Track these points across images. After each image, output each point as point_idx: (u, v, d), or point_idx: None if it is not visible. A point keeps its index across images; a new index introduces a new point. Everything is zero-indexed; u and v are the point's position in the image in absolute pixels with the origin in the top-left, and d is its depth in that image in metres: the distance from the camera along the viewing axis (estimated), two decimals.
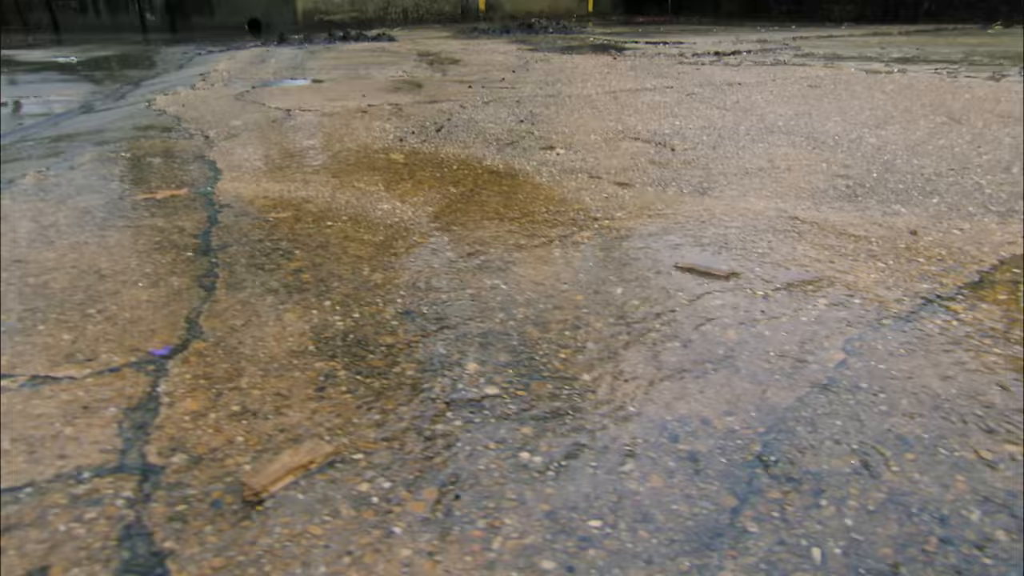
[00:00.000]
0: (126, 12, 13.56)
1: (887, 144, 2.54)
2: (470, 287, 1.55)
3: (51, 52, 8.15)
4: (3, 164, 2.76)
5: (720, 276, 1.57)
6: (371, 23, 13.87)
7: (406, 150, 2.70)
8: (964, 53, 5.18)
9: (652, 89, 3.92)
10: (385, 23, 13.90)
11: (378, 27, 12.81)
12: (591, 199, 2.11)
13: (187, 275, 1.62)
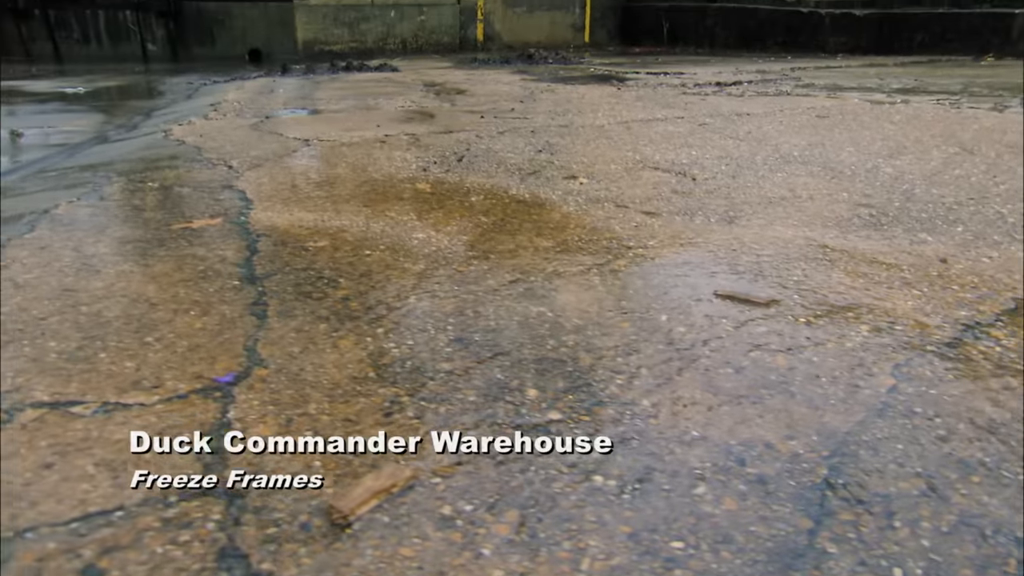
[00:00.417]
0: (128, 42, 13.65)
1: (904, 174, 2.60)
2: (517, 314, 1.58)
3: (57, 82, 8.21)
4: (34, 194, 2.80)
5: (760, 303, 1.60)
6: (371, 53, 13.97)
7: (431, 179, 2.74)
8: (963, 84, 5.29)
9: (663, 119, 3.99)
10: (385, 53, 14.02)
11: (378, 57, 12.91)
12: (621, 228, 2.15)
13: (237, 303, 1.64)
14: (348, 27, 14.17)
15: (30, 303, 1.64)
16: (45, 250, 2.00)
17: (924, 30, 9.02)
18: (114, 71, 10.74)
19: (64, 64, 12.51)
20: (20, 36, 12.55)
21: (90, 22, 13.42)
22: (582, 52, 13.19)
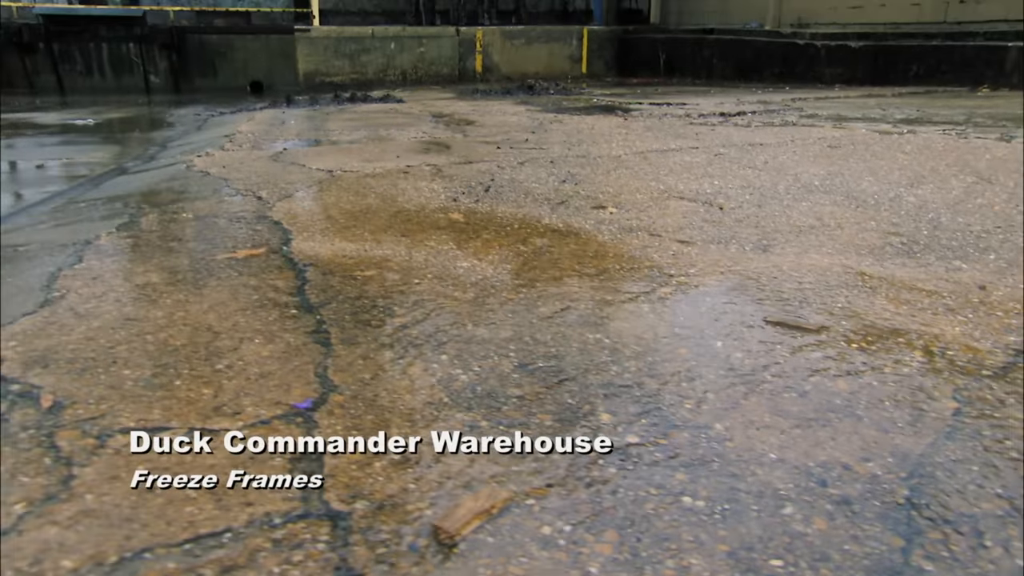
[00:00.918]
0: (131, 74, 13.77)
1: (927, 203, 2.66)
2: (574, 341, 1.62)
3: (65, 114, 8.28)
4: (70, 224, 2.83)
5: (811, 330, 1.65)
6: (371, 84, 14.11)
7: (462, 209, 2.79)
8: (965, 115, 5.41)
9: (678, 150, 4.06)
10: (385, 84, 14.16)
11: (378, 88, 13.04)
12: (659, 256, 2.20)
13: (299, 331, 1.68)
14: (349, 59, 14.34)
15: (96, 332, 1.67)
16: (97, 280, 2.04)
17: (919, 62, 9.19)
18: (118, 103, 10.83)
19: (67, 96, 12.61)
20: (24, 69, 12.65)
21: (94, 55, 13.55)
22: (580, 83, 13.36)
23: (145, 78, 13.87)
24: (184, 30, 13.98)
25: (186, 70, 14.06)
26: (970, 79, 8.62)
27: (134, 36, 13.43)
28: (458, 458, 1.18)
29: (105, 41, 13.43)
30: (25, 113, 8.54)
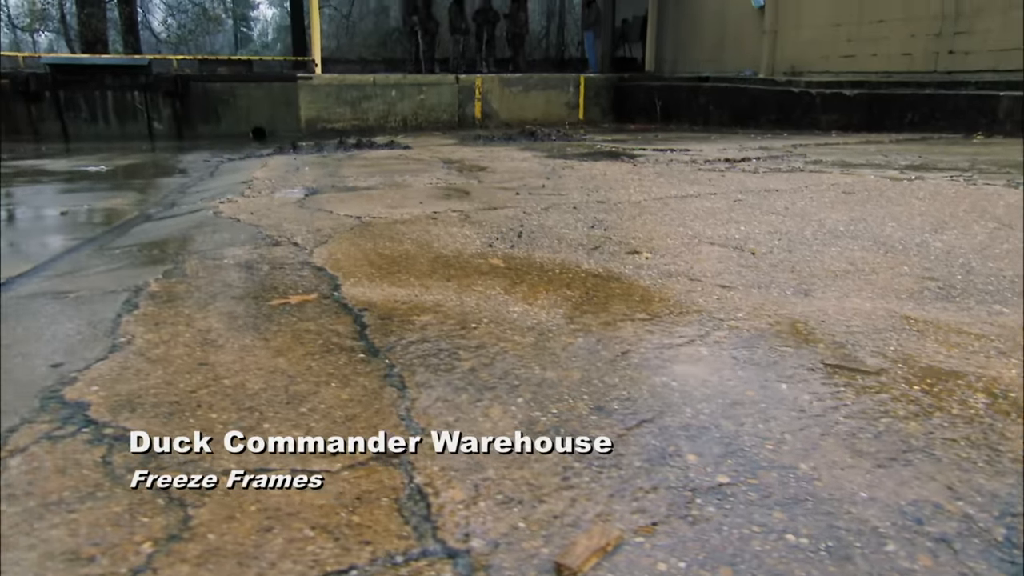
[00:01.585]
0: (134, 121, 13.92)
1: (954, 248, 2.74)
2: (643, 384, 1.66)
3: (74, 161, 8.36)
4: (111, 271, 2.88)
5: (871, 372, 1.70)
6: (372, 130, 14.28)
7: (500, 255, 2.86)
8: (968, 162, 5.54)
9: (697, 196, 4.15)
10: (386, 130, 14.33)
11: (379, 134, 13.17)
12: (704, 301, 2.26)
13: (372, 375, 1.72)
14: (350, 105, 14.54)
15: (173, 377, 1.71)
16: (160, 326, 2.08)
17: (913, 109, 9.41)
18: (123, 149, 10.93)
19: (71, 143, 12.72)
20: (30, 116, 12.79)
21: (98, 102, 13.71)
22: (578, 129, 13.57)
23: (149, 125, 14.03)
24: (188, 78, 14.18)
25: (189, 117, 14.24)
26: (964, 126, 8.83)
27: (139, 84, 13.62)
28: (558, 498, 1.22)
29: (110, 89, 13.61)
30: (34, 160, 8.62)
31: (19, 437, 1.44)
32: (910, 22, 10.44)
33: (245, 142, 12.83)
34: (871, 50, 11.22)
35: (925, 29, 10.20)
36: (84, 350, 1.91)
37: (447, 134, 13.01)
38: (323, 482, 1.26)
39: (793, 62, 12.77)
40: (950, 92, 9.03)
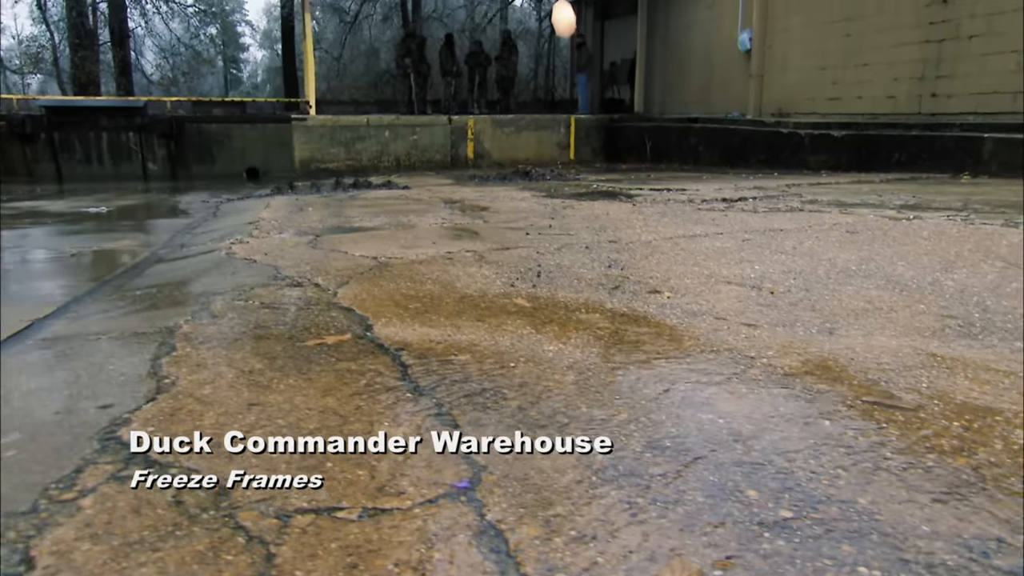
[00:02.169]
0: (129, 162, 13.99)
1: (967, 287, 2.82)
2: (691, 420, 1.70)
3: (74, 202, 8.37)
4: (137, 314, 2.90)
5: (909, 408, 1.75)
6: (366, 170, 14.38)
7: (524, 295, 2.90)
8: (961, 202, 5.68)
9: (704, 235, 4.23)
10: (379, 171, 14.43)
11: (373, 174, 13.27)
12: (733, 340, 2.31)
13: (421, 414, 1.75)
14: (344, 146, 14.68)
15: (226, 418, 1.73)
16: (202, 368, 2.10)
17: (901, 150, 9.62)
18: (118, 190, 10.96)
19: (65, 183, 12.74)
20: (24, 158, 12.82)
21: (93, 143, 13.77)
22: (570, 168, 13.73)
23: (143, 166, 14.08)
24: (183, 119, 14.29)
25: (183, 158, 14.31)
26: (950, 167, 9.02)
27: (134, 125, 13.71)
28: (630, 532, 1.25)
29: (105, 130, 13.69)
30: (34, 202, 8.63)
31: (86, 478, 1.46)
32: (893, 66, 10.71)
33: (240, 182, 12.90)
34: (856, 93, 11.49)
35: (908, 73, 10.47)
36: (130, 391, 1.93)
37: (441, 174, 13.13)
38: (398, 519, 1.29)
39: (780, 104, 13.04)
40: (936, 134, 9.24)
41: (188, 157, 14.19)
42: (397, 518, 1.30)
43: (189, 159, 14.21)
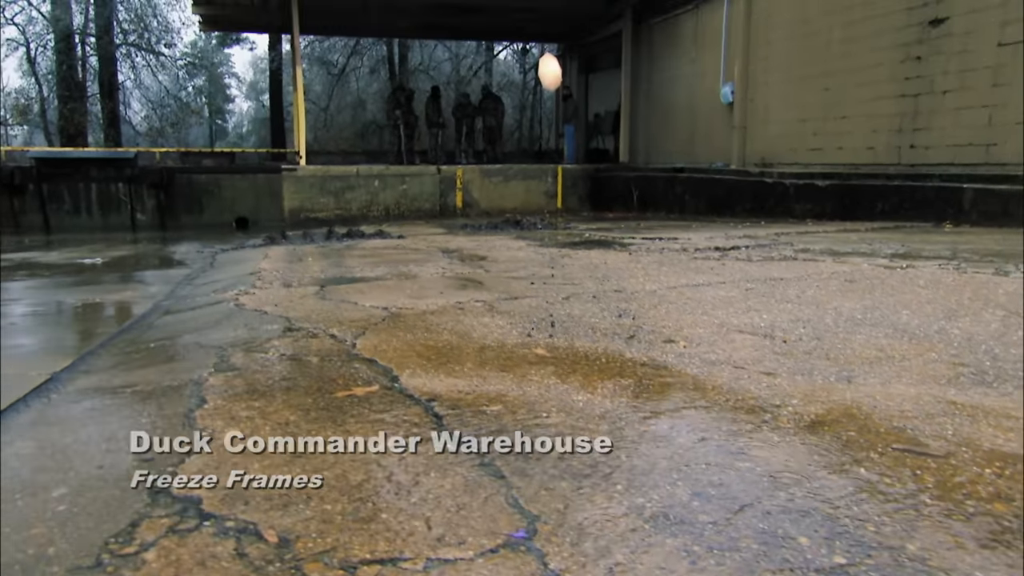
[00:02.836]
0: (118, 213, 14.01)
1: (973, 336, 2.90)
2: (730, 469, 1.74)
3: (66, 253, 8.36)
4: (156, 366, 2.91)
5: (939, 455, 1.80)
6: (355, 220, 14.45)
7: (542, 345, 2.95)
8: (950, 251, 5.82)
9: (707, 284, 4.31)
10: (368, 220, 14.52)
11: (363, 223, 13.32)
12: (755, 388, 2.36)
13: (466, 464, 1.78)
14: (334, 196, 14.77)
15: (270, 470, 1.75)
16: (237, 420, 2.12)
17: (883, 199, 9.84)
18: (109, 240, 10.95)
19: (52, 234, 12.70)
20: (12, 209, 12.80)
21: (82, 194, 13.79)
22: (558, 217, 13.89)
23: (132, 216, 14.09)
24: (174, 170, 14.36)
25: (173, 208, 14.34)
26: (932, 216, 9.22)
27: (124, 176, 13.75)
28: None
29: (95, 181, 13.72)
30: (24, 253, 8.61)
31: (144, 532, 1.47)
32: (872, 119, 11.00)
33: (229, 232, 12.93)
34: (837, 144, 11.77)
35: (886, 125, 10.75)
36: (170, 444, 1.94)
37: (431, 223, 13.22)
38: (463, 569, 1.31)
39: (763, 154, 13.32)
40: (917, 184, 9.47)
41: (177, 207, 14.23)
42: (462, 568, 1.32)
43: (178, 209, 14.24)
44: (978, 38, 9.30)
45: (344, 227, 10.84)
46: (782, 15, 12.60)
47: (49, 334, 4.05)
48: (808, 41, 12.02)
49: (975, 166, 9.37)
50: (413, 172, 15.14)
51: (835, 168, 11.26)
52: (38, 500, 1.66)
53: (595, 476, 1.71)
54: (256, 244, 8.81)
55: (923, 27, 10.07)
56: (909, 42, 10.23)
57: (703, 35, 14.64)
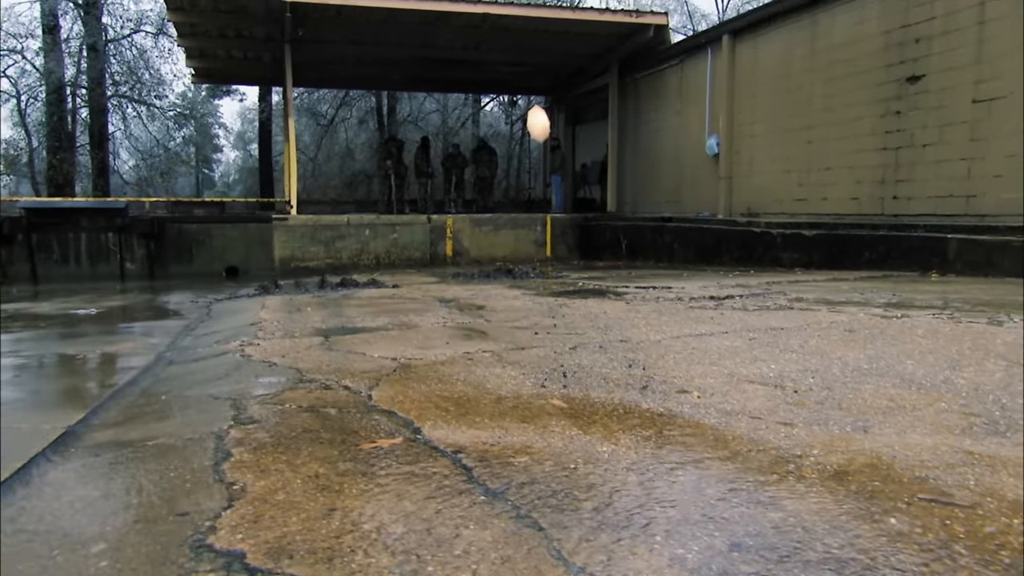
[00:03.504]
0: (107, 262, 13.99)
1: (980, 385, 2.96)
2: (765, 520, 1.77)
3: (58, 304, 8.32)
4: (171, 419, 2.91)
5: (966, 506, 1.84)
6: (346, 268, 14.49)
7: (558, 396, 2.98)
8: (941, 300, 5.94)
9: (710, 334, 4.37)
10: (359, 268, 14.56)
11: (354, 272, 13.36)
12: (775, 438, 2.40)
13: (503, 516, 1.80)
14: (324, 245, 14.83)
15: (310, 523, 1.76)
16: (267, 473, 2.13)
17: (870, 249, 10.01)
18: (99, 290, 10.91)
19: (41, 284, 12.64)
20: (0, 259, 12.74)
21: (71, 244, 13.77)
22: (548, 265, 13.98)
23: (121, 266, 14.07)
24: (165, 220, 14.40)
25: (163, 257, 14.34)
26: (918, 265, 9.39)
27: (115, 226, 13.76)
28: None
29: (85, 231, 13.72)
30: (16, 304, 8.56)
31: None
32: (855, 170, 11.26)
33: (219, 281, 12.92)
34: (821, 194, 12.00)
35: (869, 177, 11.00)
36: (203, 499, 1.95)
37: (422, 271, 13.28)
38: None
39: (749, 204, 13.55)
40: (903, 234, 9.66)
41: (167, 256, 14.23)
42: None
43: (168, 258, 14.24)
44: (954, 95, 9.60)
45: (336, 276, 10.87)
46: (765, 71, 12.96)
47: (53, 386, 4.03)
48: (791, 95, 12.34)
49: (956, 216, 9.58)
50: (404, 221, 15.25)
51: (820, 218, 11.46)
52: (78, 556, 1.67)
53: (632, 527, 1.73)
54: (250, 294, 8.81)
55: (901, 83, 10.39)
56: (889, 97, 10.54)
57: (688, 89, 15.00)
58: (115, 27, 19.96)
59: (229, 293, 9.29)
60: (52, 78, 19.01)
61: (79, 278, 13.34)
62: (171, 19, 13.79)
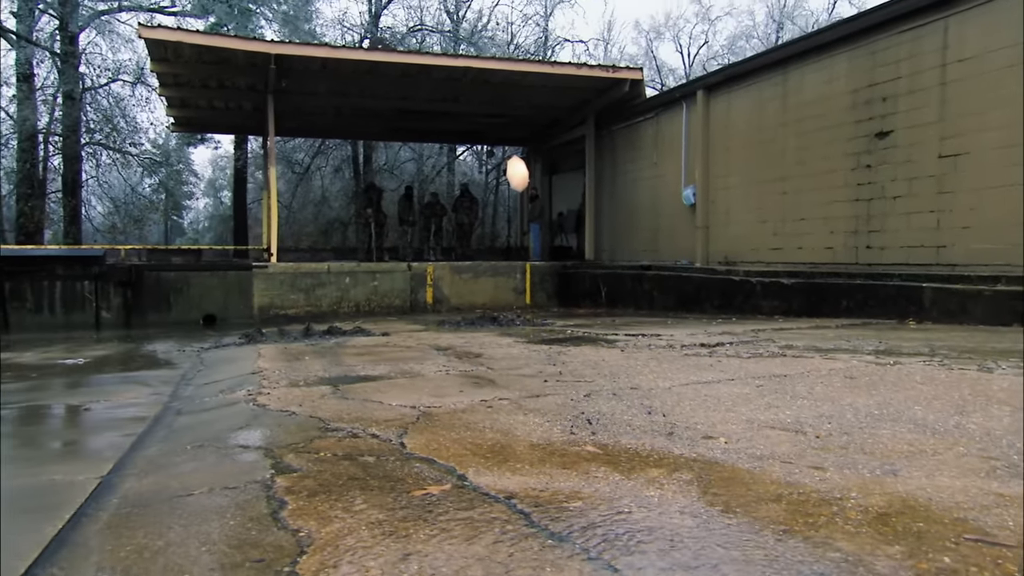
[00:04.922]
0: (82, 311, 13.82)
1: (991, 430, 3.09)
2: (824, 559, 1.85)
3: (40, 354, 8.21)
4: (206, 471, 2.92)
5: (1012, 546, 1.94)
6: (326, 316, 14.46)
7: (590, 442, 3.05)
8: (927, 347, 6.13)
9: (717, 382, 4.48)
10: (339, 316, 14.53)
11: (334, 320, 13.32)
12: (810, 482, 2.49)
13: (576, 559, 1.86)
14: (304, 292, 14.80)
15: (390, 569, 1.81)
16: (329, 520, 2.16)
17: (848, 297, 10.27)
18: (77, 339, 10.77)
19: (13, 334, 12.42)
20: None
21: (46, 292, 13.60)
22: (528, 312, 14.07)
23: (96, 314, 13.90)
24: (142, 268, 14.29)
25: (140, 305, 14.20)
26: (895, 313, 9.65)
27: (91, 274, 13.64)
28: None
29: (60, 279, 13.57)
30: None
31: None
32: (829, 221, 11.60)
33: (197, 329, 12.80)
34: (796, 244, 12.32)
35: (843, 227, 11.34)
36: (273, 547, 1.98)
37: (403, 319, 13.28)
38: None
39: (726, 253, 13.84)
40: (880, 283, 9.93)
41: (144, 304, 14.09)
42: None
43: (146, 307, 14.10)
44: (921, 150, 10.01)
45: (318, 324, 10.85)
46: (738, 124, 13.38)
47: (66, 437, 3.99)
48: (765, 148, 12.74)
49: (928, 266, 9.90)
50: (384, 269, 15.30)
51: (796, 267, 11.74)
52: None
53: (704, 568, 1.80)
54: (236, 342, 8.78)
55: (870, 139, 10.80)
56: (859, 151, 10.94)
57: (663, 141, 15.40)
58: (92, 76, 20.00)
59: (213, 342, 9.23)
60: (26, 125, 18.91)
61: (53, 327, 13.15)
62: (154, 70, 13.88)
